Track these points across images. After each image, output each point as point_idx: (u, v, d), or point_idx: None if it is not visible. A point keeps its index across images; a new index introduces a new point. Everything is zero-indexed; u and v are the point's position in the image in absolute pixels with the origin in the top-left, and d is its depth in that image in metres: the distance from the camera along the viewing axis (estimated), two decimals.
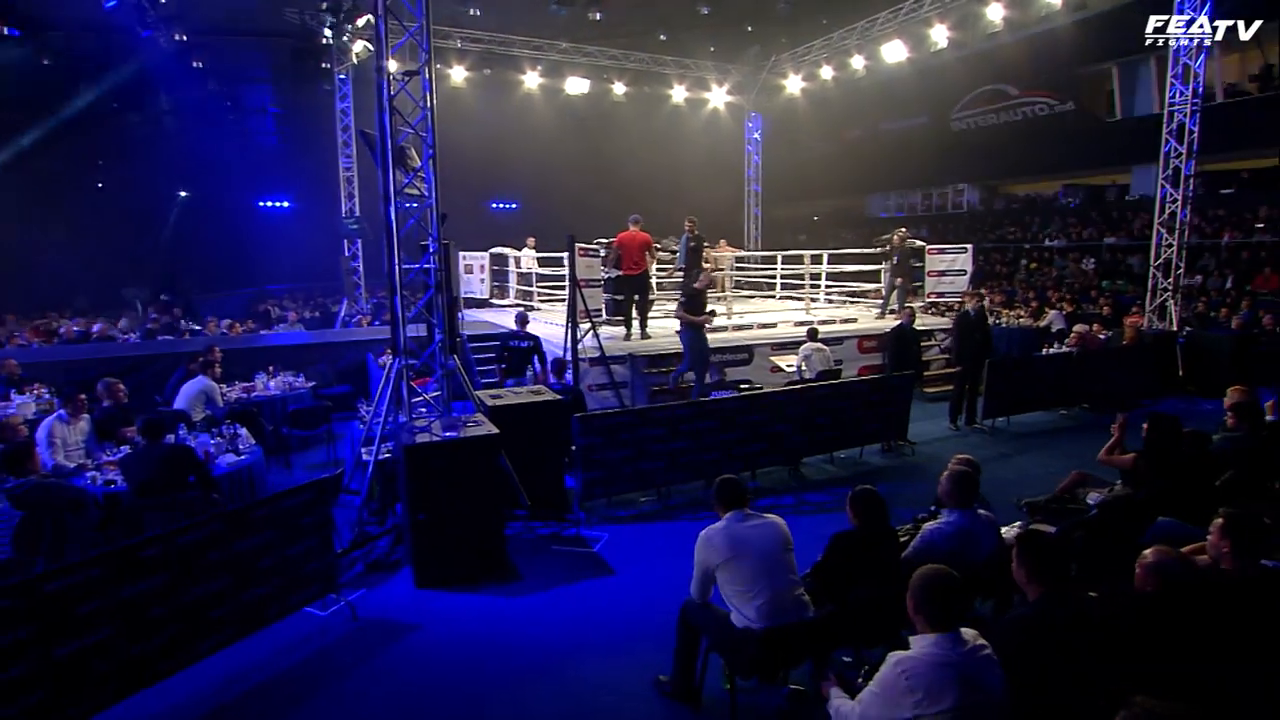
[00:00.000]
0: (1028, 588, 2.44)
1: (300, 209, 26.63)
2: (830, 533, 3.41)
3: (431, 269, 5.53)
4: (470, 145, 23.47)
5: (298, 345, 9.62)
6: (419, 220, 5.55)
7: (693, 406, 6.10)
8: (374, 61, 5.36)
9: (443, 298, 5.55)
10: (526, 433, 5.45)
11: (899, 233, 11.51)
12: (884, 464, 7.24)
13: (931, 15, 13.44)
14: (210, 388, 7.02)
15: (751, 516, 3.23)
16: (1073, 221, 22.66)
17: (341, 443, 7.65)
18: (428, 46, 5.42)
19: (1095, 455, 7.61)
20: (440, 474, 4.53)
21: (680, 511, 5.99)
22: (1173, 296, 10.50)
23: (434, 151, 5.36)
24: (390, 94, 5.27)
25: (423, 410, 5.41)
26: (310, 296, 21.25)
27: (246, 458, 5.40)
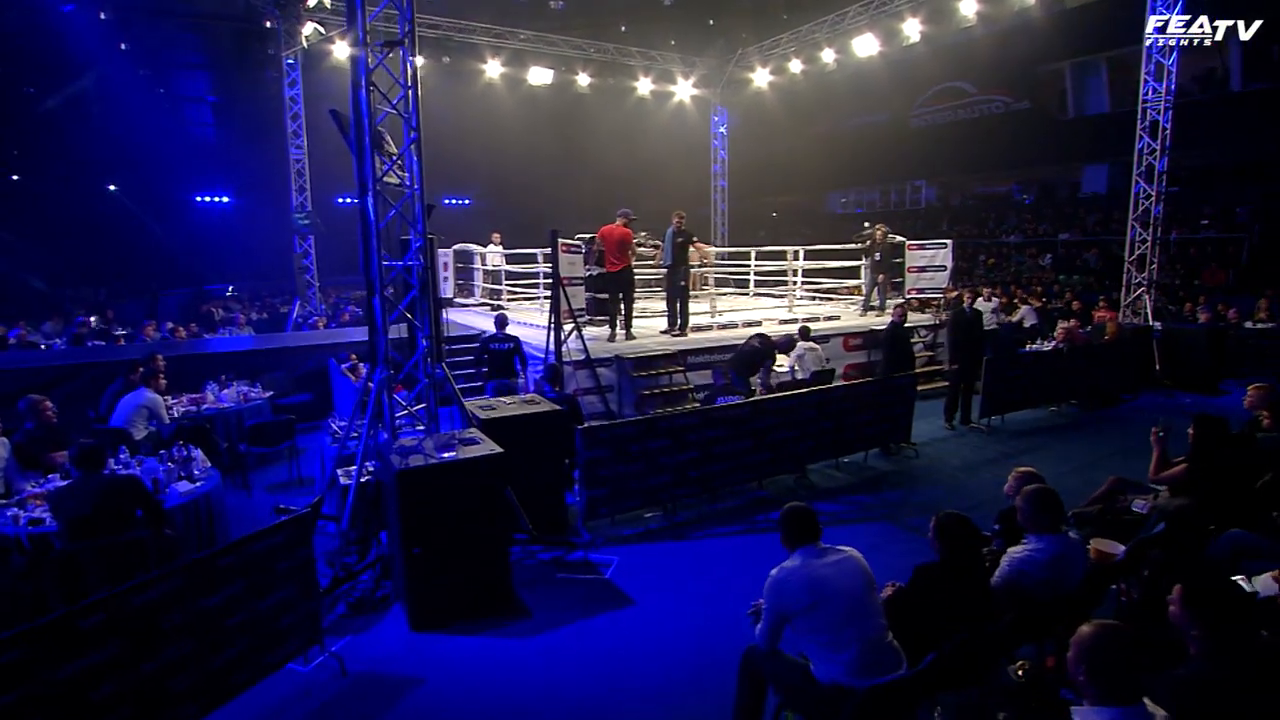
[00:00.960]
0: (1193, 635, 2.08)
1: (241, 204, 25.22)
2: (859, 548, 2.99)
3: (415, 267, 4.94)
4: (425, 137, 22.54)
5: (251, 351, 8.78)
6: (400, 212, 4.95)
7: (700, 415, 5.66)
8: (351, 35, 4.72)
9: (428, 299, 4.96)
10: (522, 447, 4.91)
11: (880, 229, 11.34)
12: (889, 468, 6.95)
13: (904, 8, 13.35)
14: (154, 401, 6.24)
15: (828, 552, 2.81)
16: (1028, 218, 23.17)
17: (306, 458, 6.94)
18: (410, 15, 4.81)
19: (1094, 453, 7.57)
20: (437, 501, 3.97)
21: (690, 529, 5.55)
22: (1148, 292, 10.61)
23: (418, 135, 4.76)
24: (369, 67, 4.64)
25: (407, 425, 4.83)
26: (256, 297, 20.04)
27: (203, 484, 4.71)
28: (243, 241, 22.91)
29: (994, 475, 6.70)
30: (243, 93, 19.55)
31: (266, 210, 23.14)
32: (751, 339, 7.69)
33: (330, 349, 9.20)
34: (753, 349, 7.49)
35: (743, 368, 7.45)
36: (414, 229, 4.93)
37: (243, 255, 22.63)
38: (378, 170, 4.70)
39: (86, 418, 6.97)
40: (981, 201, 25.46)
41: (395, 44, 4.71)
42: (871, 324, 10.62)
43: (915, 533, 5.37)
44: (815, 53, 15.98)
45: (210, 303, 17.06)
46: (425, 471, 3.92)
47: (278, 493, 6.51)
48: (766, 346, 7.56)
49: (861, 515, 5.80)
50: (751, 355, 7.48)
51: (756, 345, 7.52)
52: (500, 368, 7.86)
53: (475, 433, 4.56)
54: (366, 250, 4.89)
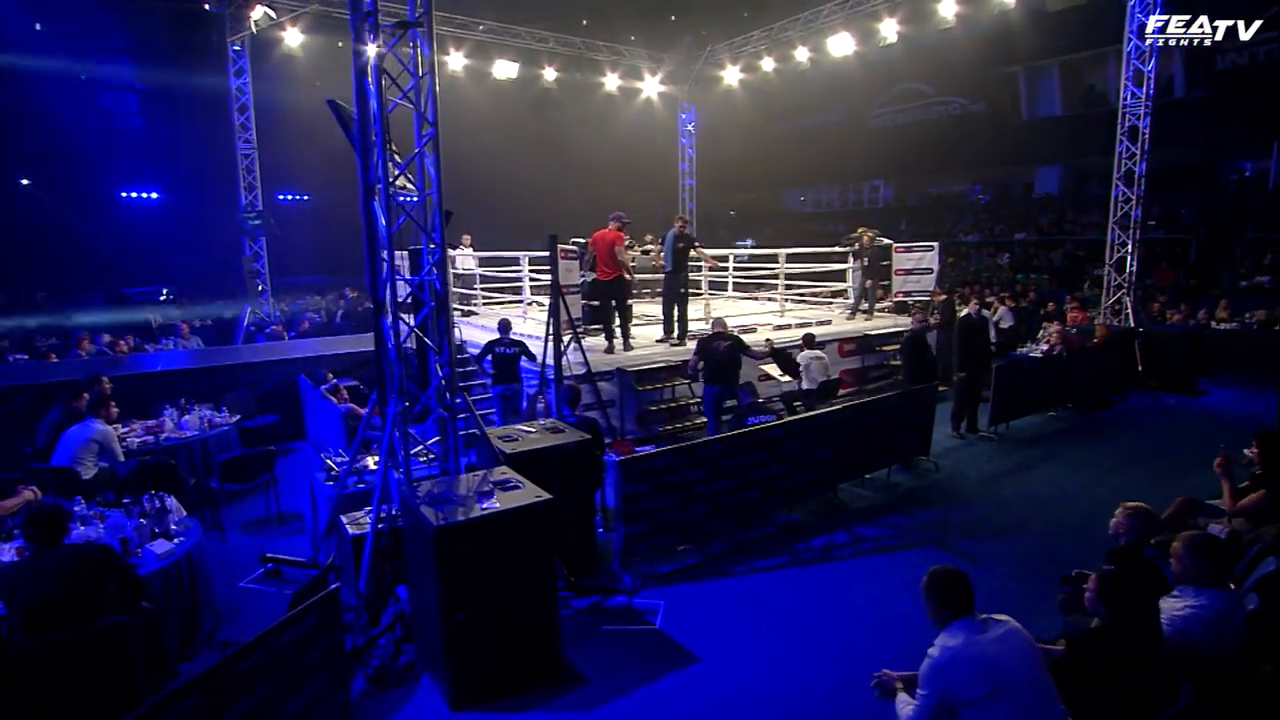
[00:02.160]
0: None
1: (174, 200, 23.51)
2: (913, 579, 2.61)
3: (430, 282, 4.34)
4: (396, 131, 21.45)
5: (209, 368, 7.89)
6: (411, 218, 4.34)
7: (734, 440, 5.24)
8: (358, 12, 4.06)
9: (445, 318, 4.37)
10: (547, 481, 4.39)
11: (869, 232, 11.18)
12: (913, 484, 6.70)
13: (880, 8, 13.24)
14: (104, 434, 5.42)
15: (990, 624, 2.42)
16: (984, 217, 23.71)
17: (283, 488, 6.18)
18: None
19: (1109, 460, 7.46)
20: (480, 559, 3.43)
21: (728, 563, 5.13)
22: (1129, 294, 10.78)
23: (435, 131, 4.15)
24: (380, 51, 4.00)
25: (427, 464, 4.24)
26: (195, 301, 18.60)
27: (183, 540, 4.00)
28: (176, 241, 21.31)
29: (1021, 488, 6.54)
30: (177, 81, 18.05)
31: (204, 208, 21.59)
32: (712, 341, 7.09)
33: (299, 364, 8.39)
34: (727, 349, 7.01)
35: (727, 375, 7.02)
36: (431, 237, 4.32)
37: (176, 256, 21.04)
38: (391, 172, 4.08)
39: (19, 453, 6.07)
40: (938, 201, 25.96)
41: (410, 26, 4.08)
42: (865, 328, 10.44)
43: (967, 559, 5.10)
44: (786, 51, 15.77)
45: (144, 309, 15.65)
46: (468, 527, 3.36)
47: (256, 533, 5.77)
48: (735, 340, 7.14)
49: (904, 540, 5.50)
50: (732, 356, 7.03)
51: (727, 344, 7.04)
52: (505, 373, 7.39)
53: (509, 473, 4.02)
54: (374, 264, 4.28)
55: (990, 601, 4.47)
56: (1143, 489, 6.41)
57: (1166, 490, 6.35)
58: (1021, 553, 5.22)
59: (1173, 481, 6.63)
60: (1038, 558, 5.11)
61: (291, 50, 13.04)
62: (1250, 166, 19.32)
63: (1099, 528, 5.52)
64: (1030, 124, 22.11)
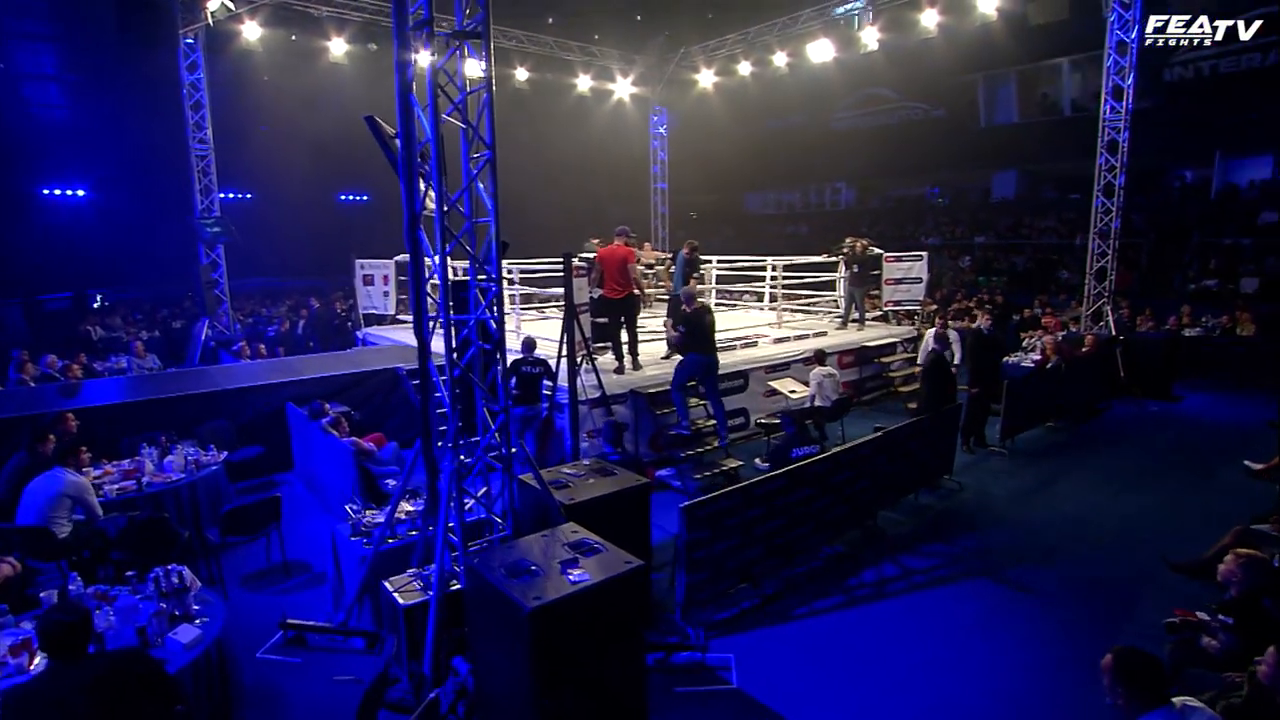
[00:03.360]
0: None
1: (103, 199, 21.92)
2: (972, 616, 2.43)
3: (490, 320, 3.93)
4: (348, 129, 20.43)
5: (183, 396, 7.19)
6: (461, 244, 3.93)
7: (789, 476, 5.01)
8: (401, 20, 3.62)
9: (501, 361, 3.97)
10: (610, 531, 4.06)
11: (860, 241, 11.17)
12: (942, 506, 6.63)
13: (860, 17, 13.27)
14: (78, 487, 4.80)
15: (1188, 713, 2.25)
16: (944, 220, 24.28)
17: (286, 531, 5.62)
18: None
19: (1122, 473, 7.46)
20: (573, 636, 3.09)
21: (785, 603, 4.91)
22: (1109, 304, 11.09)
23: (492, 154, 3.74)
24: (434, 63, 3.57)
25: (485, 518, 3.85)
26: (135, 309, 17.34)
27: (208, 621, 3.50)
28: (106, 243, 19.86)
29: (1049, 508, 6.54)
30: (111, 71, 16.75)
31: (140, 207, 20.19)
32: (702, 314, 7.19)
33: (282, 390, 7.75)
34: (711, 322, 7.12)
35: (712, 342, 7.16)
36: (486, 269, 3.91)
37: (108, 259, 19.60)
38: (445, 199, 3.66)
39: None
40: (899, 204, 26.47)
41: (466, 37, 3.66)
42: (861, 339, 10.41)
43: (1022, 589, 5.05)
44: (764, 55, 15.71)
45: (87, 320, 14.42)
46: (563, 605, 3.01)
47: (261, 588, 5.23)
48: None
49: (952, 570, 5.40)
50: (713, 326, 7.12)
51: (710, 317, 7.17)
52: (529, 393, 7.11)
53: (582, 531, 3.67)
54: (418, 301, 3.85)
55: (1066, 641, 4.41)
56: (1165, 506, 6.54)
57: (1189, 506, 6.52)
58: (1073, 579, 5.17)
59: (1189, 495, 6.79)
60: (1092, 586, 5.08)
61: (251, 45, 12.17)
62: (1191, 174, 20.32)
63: (1137, 550, 5.60)
64: (988, 130, 22.72)
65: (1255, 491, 6.66)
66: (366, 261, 12.28)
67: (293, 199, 22.99)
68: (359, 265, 12.28)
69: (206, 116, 11.96)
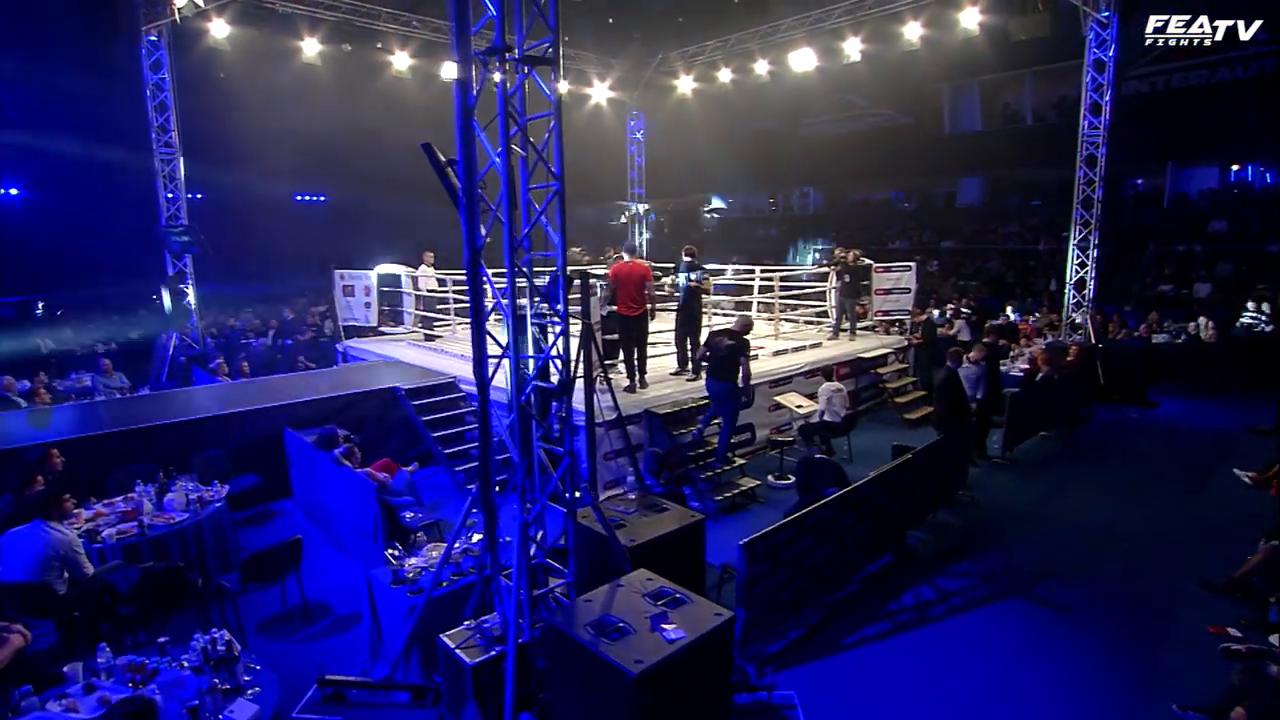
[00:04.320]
0: None
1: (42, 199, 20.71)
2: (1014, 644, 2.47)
3: (557, 361, 3.74)
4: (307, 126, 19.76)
5: (171, 425, 6.74)
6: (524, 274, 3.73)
7: (837, 504, 4.97)
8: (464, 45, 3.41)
9: (568, 399, 3.78)
10: (668, 568, 3.96)
11: (852, 252, 11.26)
12: (960, 523, 6.69)
13: (844, 26, 13.41)
14: (63, 546, 4.42)
15: None
16: (911, 225, 24.83)
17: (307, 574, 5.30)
18: (555, 20, 3.57)
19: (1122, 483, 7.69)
20: (672, 697, 2.96)
21: (832, 632, 4.86)
22: (1089, 314, 11.47)
23: (561, 185, 3.55)
24: (508, 89, 3.38)
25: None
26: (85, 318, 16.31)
27: (261, 692, 3.22)
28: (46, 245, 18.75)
29: (1062, 521, 6.67)
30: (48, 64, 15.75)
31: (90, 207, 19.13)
32: (718, 337, 7.11)
33: (276, 414, 7.36)
34: (729, 348, 6.87)
35: (726, 370, 6.88)
36: (550, 308, 3.72)
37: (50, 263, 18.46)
38: (516, 232, 3.46)
39: None
40: (865, 208, 26.97)
41: (539, 63, 3.47)
42: (855, 350, 10.49)
43: (1057, 609, 5.12)
44: (744, 62, 15.77)
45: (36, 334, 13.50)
46: (665, 668, 2.88)
47: (282, 635, 4.90)
48: (740, 340, 6.97)
49: (986, 590, 5.44)
50: (731, 354, 6.87)
51: (730, 343, 6.91)
52: (542, 411, 6.76)
53: (658, 579, 3.54)
54: (479, 339, 3.64)
55: (1114, 664, 4.47)
56: (1171, 517, 6.75)
57: (1194, 516, 6.75)
58: (1104, 597, 5.28)
59: (1191, 505, 7.03)
60: (1124, 603, 5.19)
61: (218, 43, 11.58)
62: (1143, 183, 21.27)
63: (1159, 564, 5.76)
64: (952, 137, 23.33)
65: (1251, 501, 6.95)
66: (347, 272, 11.83)
67: (246, 199, 22.09)
68: (339, 276, 11.82)
69: (172, 119, 11.31)
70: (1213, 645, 4.61)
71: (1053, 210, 21.76)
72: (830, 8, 13.56)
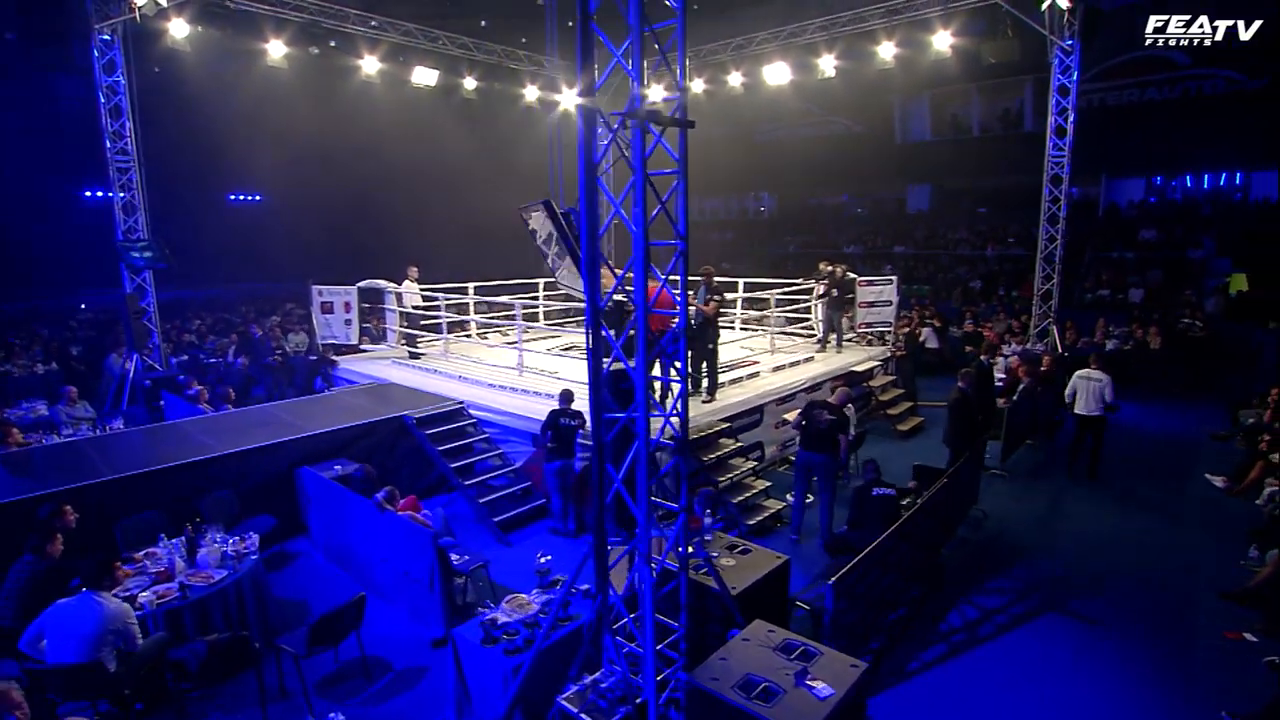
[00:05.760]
0: None
1: None
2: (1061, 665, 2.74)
3: (670, 419, 3.70)
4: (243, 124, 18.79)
5: (175, 467, 6.30)
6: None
7: (896, 534, 5.13)
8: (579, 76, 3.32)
9: (688, 454, 3.73)
10: (765, 610, 4.01)
11: (839, 267, 11.56)
12: (980, 537, 7.02)
13: (818, 42, 13.74)
14: (119, 617, 4.10)
15: None
16: (864, 230, 25.67)
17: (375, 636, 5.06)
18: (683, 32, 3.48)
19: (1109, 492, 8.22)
20: None
21: (896, 657, 5.02)
22: (1055, 324, 12.18)
23: (685, 244, 3.51)
24: (641, 136, 3.29)
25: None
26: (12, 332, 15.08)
27: None
28: None
29: (1071, 533, 7.08)
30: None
31: None
32: (817, 410, 7.04)
33: (287, 450, 7.00)
34: (829, 423, 6.89)
35: (825, 444, 6.84)
36: (669, 360, 3.68)
37: None
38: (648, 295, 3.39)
39: None
40: (819, 213, 27.72)
41: (673, 124, 3.41)
42: (847, 364, 10.79)
43: (1089, 622, 5.50)
44: (716, 73, 15.94)
45: None
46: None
47: (346, 698, 4.65)
48: (840, 415, 7.04)
49: (1023, 607, 5.73)
50: (831, 430, 6.89)
51: (831, 417, 6.93)
52: (564, 447, 6.89)
53: (778, 630, 3.57)
54: (598, 399, 3.56)
55: (1160, 679, 4.80)
56: (1164, 524, 7.30)
57: (1184, 523, 7.29)
58: (1131, 610, 5.65)
59: (1177, 512, 7.62)
60: (1151, 615, 5.57)
61: (178, 44, 10.84)
62: (1077, 192, 22.67)
63: (1168, 573, 6.20)
64: (903, 146, 24.24)
65: (1227, 504, 7.59)
66: (325, 288, 11.33)
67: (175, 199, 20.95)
68: (316, 292, 11.31)
69: (128, 127, 10.51)
70: (1237, 651, 5.04)
71: (1000, 218, 22.96)
72: (805, 23, 13.89)
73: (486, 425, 8.27)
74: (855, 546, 5.77)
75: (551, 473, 6.88)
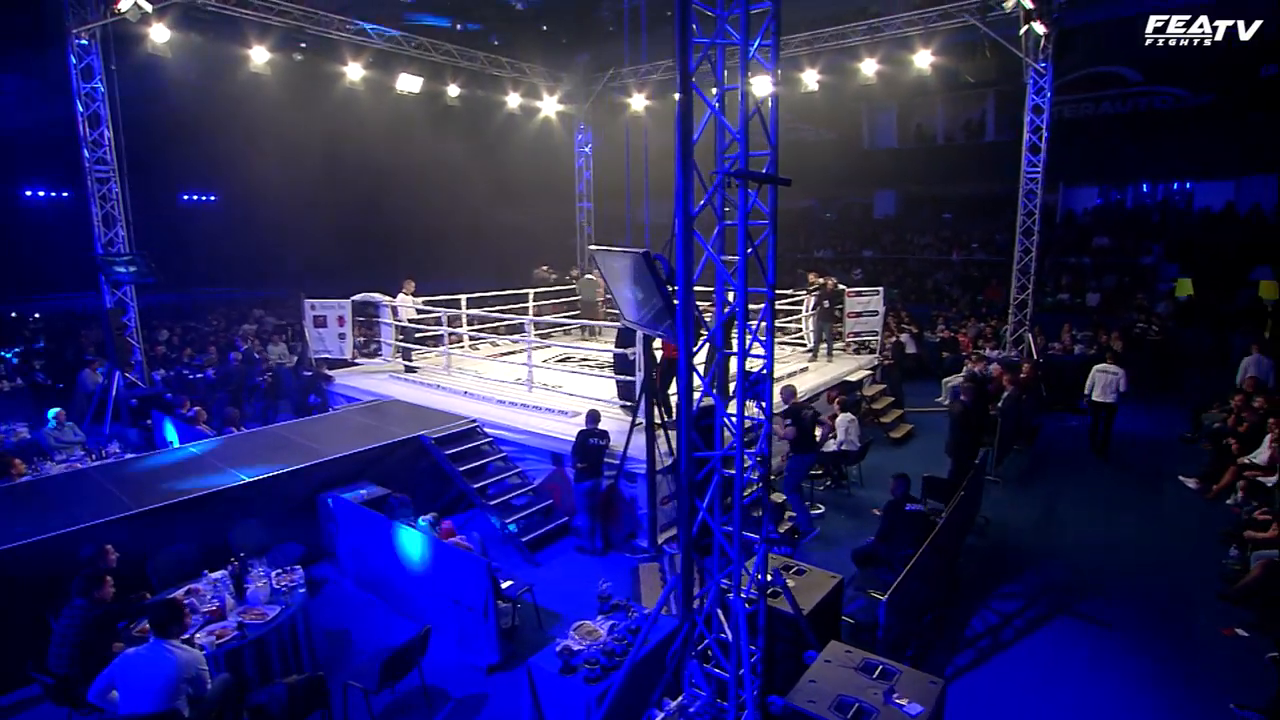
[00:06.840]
0: None
1: None
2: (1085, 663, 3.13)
3: (751, 456, 3.87)
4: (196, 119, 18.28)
5: (198, 498, 6.18)
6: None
7: (930, 547, 5.42)
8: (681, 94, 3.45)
9: (766, 494, 3.90)
10: (833, 631, 4.24)
11: (830, 279, 11.94)
12: (985, 544, 7.41)
13: (801, 56, 14.08)
14: (192, 665, 4.06)
15: None
16: (833, 234, 26.33)
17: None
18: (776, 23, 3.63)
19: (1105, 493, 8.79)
20: None
21: (928, 663, 5.29)
22: (1030, 331, 12.80)
23: (774, 292, 3.68)
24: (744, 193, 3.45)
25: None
26: None
27: None
28: None
29: (1069, 537, 7.52)
30: None
31: None
32: (805, 411, 7.47)
33: (311, 473, 6.92)
34: (812, 416, 7.38)
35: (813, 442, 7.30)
36: (758, 404, 3.84)
37: None
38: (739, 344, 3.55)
39: None
40: (789, 217, 28.26)
41: (767, 180, 3.56)
42: (840, 373, 11.15)
43: (1100, 624, 5.88)
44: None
45: None
46: None
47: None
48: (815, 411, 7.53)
49: (1037, 611, 6.11)
50: (812, 425, 7.35)
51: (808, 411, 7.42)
52: (592, 467, 7.02)
53: (855, 650, 3.79)
54: (683, 439, 3.71)
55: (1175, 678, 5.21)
56: (1152, 525, 7.82)
57: (1169, 522, 7.84)
58: (1138, 611, 6.08)
59: (1161, 512, 8.17)
60: (1156, 615, 6.01)
61: (159, 49, 10.47)
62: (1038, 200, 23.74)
63: (1164, 574, 6.68)
64: (870, 152, 24.96)
65: (1201, 505, 8.20)
66: (318, 301, 11.14)
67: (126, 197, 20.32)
68: (309, 305, 11.11)
69: (107, 136, 10.12)
70: (1237, 648, 5.51)
71: (964, 224, 23.85)
72: (789, 36, 14.19)
73: (502, 443, 8.31)
74: (884, 559, 6.10)
75: (582, 493, 6.99)
